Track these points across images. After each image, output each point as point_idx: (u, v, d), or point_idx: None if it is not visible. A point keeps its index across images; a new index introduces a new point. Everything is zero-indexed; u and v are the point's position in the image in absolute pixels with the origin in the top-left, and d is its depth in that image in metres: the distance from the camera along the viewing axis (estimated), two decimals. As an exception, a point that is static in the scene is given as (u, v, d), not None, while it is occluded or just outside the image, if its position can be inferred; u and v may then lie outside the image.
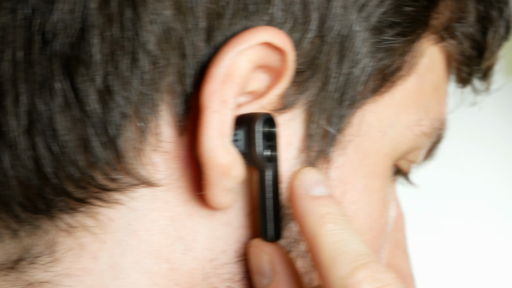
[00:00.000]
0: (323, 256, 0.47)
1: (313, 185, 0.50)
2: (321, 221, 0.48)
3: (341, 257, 0.47)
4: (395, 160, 0.56)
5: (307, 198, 0.49)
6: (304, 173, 0.50)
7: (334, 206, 0.49)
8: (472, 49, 0.58)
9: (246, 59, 0.49)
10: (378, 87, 0.53)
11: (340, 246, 0.47)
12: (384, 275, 0.47)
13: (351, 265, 0.47)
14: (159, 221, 0.50)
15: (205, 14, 0.49)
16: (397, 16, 0.53)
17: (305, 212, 0.49)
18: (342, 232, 0.48)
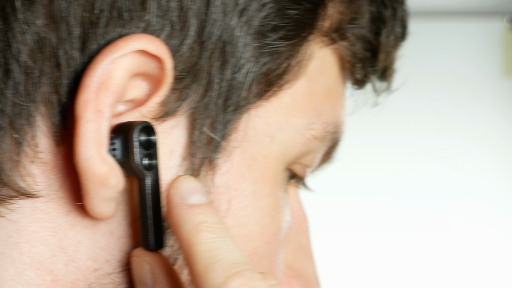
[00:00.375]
0: (198, 265, 0.47)
1: (189, 193, 0.49)
2: (196, 229, 0.48)
3: (215, 265, 0.46)
4: (287, 164, 0.55)
5: (182, 207, 0.49)
6: (180, 181, 0.50)
7: (210, 214, 0.48)
8: (365, 50, 0.58)
9: (121, 67, 0.49)
10: (263, 91, 0.53)
11: (214, 254, 0.47)
12: (259, 283, 0.46)
13: (225, 273, 0.46)
14: (40, 233, 0.50)
15: (78, 23, 0.48)
16: (280, 20, 0.52)
17: (180, 221, 0.48)
18: (217, 240, 0.47)
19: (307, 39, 0.54)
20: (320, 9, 0.54)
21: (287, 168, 0.56)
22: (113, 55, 0.48)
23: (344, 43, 0.56)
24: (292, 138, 0.54)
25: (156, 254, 0.50)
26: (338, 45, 0.56)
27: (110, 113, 0.49)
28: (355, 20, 0.56)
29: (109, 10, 0.49)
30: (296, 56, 0.53)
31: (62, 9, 0.48)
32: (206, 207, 0.49)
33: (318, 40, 0.55)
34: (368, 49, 0.58)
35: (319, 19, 0.54)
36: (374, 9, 0.57)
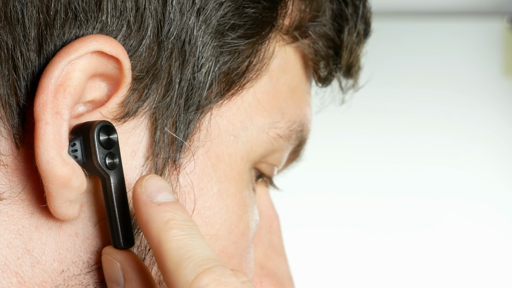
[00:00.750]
0: (168, 262, 0.47)
1: (156, 191, 0.49)
2: (165, 227, 0.48)
3: (186, 262, 0.46)
4: (253, 163, 0.55)
5: (150, 205, 0.49)
6: (147, 180, 0.49)
7: (179, 211, 0.48)
8: (327, 48, 0.57)
9: (78, 68, 0.49)
10: (225, 90, 0.53)
11: (184, 251, 0.47)
12: (231, 279, 0.46)
13: (196, 270, 0.46)
14: (4, 235, 0.50)
15: (34, 25, 0.49)
16: (238, 18, 0.52)
17: (149, 219, 0.48)
18: (186, 237, 0.47)
19: (267, 37, 0.54)
20: (279, 7, 0.54)
21: (253, 167, 0.56)
22: (69, 57, 0.48)
23: (306, 41, 0.56)
24: (256, 137, 0.54)
25: (126, 252, 0.50)
26: (300, 43, 0.56)
27: (69, 115, 0.49)
28: (316, 17, 0.56)
29: (65, 11, 0.49)
30: (256, 55, 0.53)
31: (17, 11, 0.48)
32: (174, 205, 0.49)
33: (279, 38, 0.55)
34: (331, 47, 0.58)
35: (278, 17, 0.54)
36: (335, 6, 0.57)
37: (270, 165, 0.57)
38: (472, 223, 2.41)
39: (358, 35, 0.58)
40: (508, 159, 2.42)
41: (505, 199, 2.40)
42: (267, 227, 0.61)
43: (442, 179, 2.40)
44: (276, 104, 0.55)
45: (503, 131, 2.42)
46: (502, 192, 2.40)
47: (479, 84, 2.43)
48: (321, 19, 0.56)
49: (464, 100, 2.40)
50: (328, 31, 0.57)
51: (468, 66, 2.43)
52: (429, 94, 2.40)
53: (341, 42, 0.58)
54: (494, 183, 2.40)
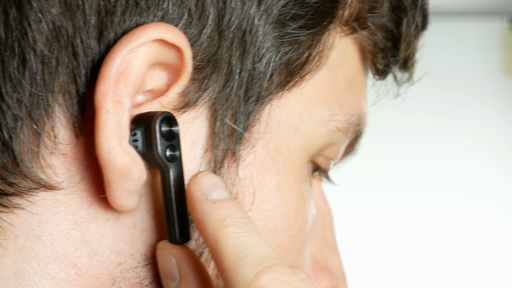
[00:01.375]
0: (226, 260, 0.45)
1: (211, 188, 0.48)
2: (221, 225, 0.46)
3: (244, 260, 0.45)
4: (311, 156, 0.54)
5: (205, 202, 0.47)
6: (201, 177, 0.48)
7: (234, 208, 0.47)
8: (386, 40, 0.57)
9: (140, 56, 0.48)
10: (285, 82, 0.52)
11: (242, 249, 0.45)
12: (290, 277, 0.45)
13: (255, 268, 0.45)
14: (62, 225, 0.49)
15: (95, 11, 0.48)
16: (300, 8, 0.51)
17: (204, 217, 0.47)
18: (244, 235, 0.46)
19: (327, 28, 0.53)
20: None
21: (310, 160, 0.55)
22: (131, 44, 0.48)
23: (364, 33, 0.56)
24: (315, 129, 0.54)
25: (182, 247, 0.49)
26: (358, 34, 0.55)
27: (130, 104, 0.48)
28: (375, 8, 0.55)
29: None
30: (317, 46, 0.53)
31: None
32: (230, 202, 0.48)
33: (338, 29, 0.54)
34: (389, 39, 0.57)
35: (339, 7, 0.54)
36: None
37: (326, 159, 0.56)
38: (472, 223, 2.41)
39: (416, 27, 0.58)
40: (508, 159, 2.42)
41: (505, 199, 2.40)
42: (320, 222, 0.60)
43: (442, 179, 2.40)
44: (335, 97, 0.54)
45: (503, 131, 2.42)
46: (502, 192, 2.41)
47: (479, 84, 2.43)
48: (380, 10, 0.56)
49: (464, 100, 2.41)
50: (387, 23, 0.56)
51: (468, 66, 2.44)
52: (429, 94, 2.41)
53: (399, 34, 0.57)
54: (494, 183, 2.40)
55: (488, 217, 2.40)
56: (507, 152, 2.42)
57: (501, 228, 2.41)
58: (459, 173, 2.41)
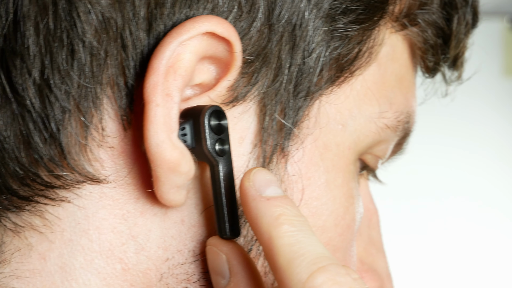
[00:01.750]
0: (280, 259, 0.44)
1: (265, 185, 0.47)
2: (275, 222, 0.45)
3: (299, 260, 0.44)
4: (359, 154, 0.54)
5: (259, 199, 0.46)
6: (255, 173, 0.47)
7: (289, 206, 0.46)
8: (436, 37, 0.56)
9: (189, 50, 0.47)
10: (335, 77, 0.51)
11: (297, 248, 0.44)
12: (345, 278, 0.44)
13: (310, 268, 0.44)
14: (109, 220, 0.49)
15: (144, 3, 0.47)
16: (350, 3, 0.51)
17: (258, 214, 0.46)
18: (298, 233, 0.45)
19: (378, 23, 0.52)
20: None
21: (359, 158, 0.54)
22: (181, 37, 0.47)
23: (414, 29, 0.55)
24: (364, 126, 0.53)
25: (232, 243, 0.49)
26: (408, 31, 0.55)
27: (179, 97, 0.47)
28: (425, 5, 0.55)
29: None
30: (367, 41, 0.52)
31: None
32: (284, 199, 0.47)
33: (388, 25, 0.53)
34: (440, 36, 0.56)
35: (390, 2, 0.53)
36: None
37: (375, 157, 0.55)
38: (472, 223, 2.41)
39: (467, 24, 0.57)
40: (508, 159, 2.43)
41: (505, 199, 2.40)
42: (366, 221, 0.59)
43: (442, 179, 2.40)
44: (384, 93, 0.53)
45: (503, 131, 2.42)
46: (502, 192, 2.41)
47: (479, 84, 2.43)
48: (430, 6, 0.55)
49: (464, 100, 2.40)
50: (438, 20, 0.55)
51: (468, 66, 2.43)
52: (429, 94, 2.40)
53: (450, 31, 0.56)
54: (494, 183, 2.40)
55: (488, 217, 2.40)
56: (507, 152, 2.42)
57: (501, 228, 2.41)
58: (459, 173, 2.41)
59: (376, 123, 0.53)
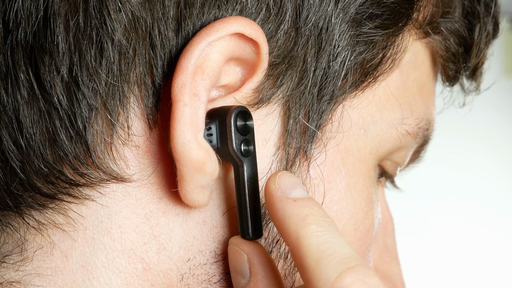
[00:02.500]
0: (308, 259, 0.44)
1: (291, 187, 0.47)
2: (303, 222, 0.45)
3: (327, 259, 0.44)
4: (379, 159, 0.54)
5: (286, 201, 0.46)
6: (280, 176, 0.47)
7: (315, 207, 0.46)
8: (458, 45, 0.56)
9: (218, 50, 0.47)
10: (359, 81, 0.51)
11: (325, 248, 0.44)
12: (374, 279, 0.44)
13: (338, 268, 0.43)
14: (131, 219, 0.49)
15: (174, 3, 0.47)
16: (377, 8, 0.51)
17: (285, 215, 0.46)
18: (326, 233, 0.45)
19: (402, 29, 0.53)
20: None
21: (378, 164, 0.54)
22: (210, 37, 0.47)
23: (437, 37, 0.55)
24: (385, 132, 0.53)
25: (254, 243, 0.49)
26: (431, 38, 0.55)
27: (206, 97, 0.47)
28: (448, 13, 0.55)
29: None
30: (391, 47, 0.52)
31: None
32: (310, 200, 0.47)
33: (412, 32, 0.54)
34: (461, 44, 0.57)
35: (414, 9, 0.53)
36: (467, 3, 0.56)
37: (394, 163, 0.55)
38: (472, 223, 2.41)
39: (488, 34, 0.57)
40: (508, 159, 2.43)
41: (505, 199, 2.41)
42: (382, 229, 0.59)
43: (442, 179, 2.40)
44: (406, 100, 0.54)
45: (503, 131, 2.43)
46: (502, 192, 2.41)
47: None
48: (453, 15, 0.55)
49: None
50: (460, 28, 0.56)
51: (468, 65, 2.43)
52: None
53: (472, 40, 0.57)
54: (494, 183, 2.40)
55: (488, 217, 2.41)
56: (507, 152, 2.43)
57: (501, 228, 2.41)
58: (458, 173, 2.41)
59: (398, 129, 0.53)
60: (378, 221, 0.55)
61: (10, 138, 0.47)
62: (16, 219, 0.49)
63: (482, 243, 2.40)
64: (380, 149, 0.53)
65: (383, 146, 0.53)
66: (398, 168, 0.57)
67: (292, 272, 0.51)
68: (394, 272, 0.59)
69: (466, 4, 0.56)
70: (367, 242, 0.53)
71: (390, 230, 0.60)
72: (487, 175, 2.41)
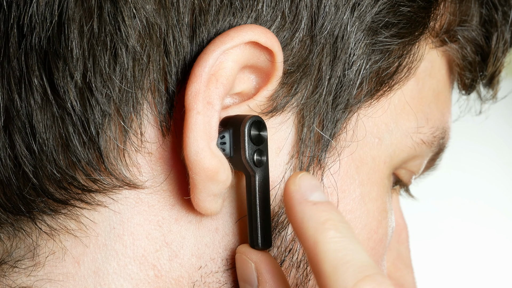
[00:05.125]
0: (325, 265, 0.43)
1: (311, 190, 0.46)
2: (322, 227, 0.44)
3: (345, 267, 0.43)
4: (394, 168, 0.53)
5: (305, 204, 0.45)
6: (301, 177, 0.46)
7: (335, 212, 0.45)
8: (475, 54, 0.56)
9: (232, 58, 0.47)
10: (374, 90, 0.51)
11: (343, 255, 0.43)
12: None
13: (356, 276, 0.43)
14: (144, 226, 0.48)
15: (189, 10, 0.47)
16: (393, 17, 0.50)
17: (304, 218, 0.45)
18: (344, 240, 0.44)
19: (419, 38, 0.52)
20: (433, 8, 0.53)
21: (392, 173, 0.54)
22: (224, 45, 0.47)
23: (454, 45, 0.55)
24: (400, 141, 0.52)
25: (262, 252, 0.48)
26: (448, 47, 0.54)
27: (220, 106, 0.47)
28: (465, 22, 0.55)
29: None
30: (407, 56, 0.52)
31: None
32: (330, 205, 0.46)
33: (429, 41, 0.53)
34: (478, 53, 0.56)
35: (431, 18, 0.53)
36: (484, 11, 0.56)
37: (409, 172, 0.55)
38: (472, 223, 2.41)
39: (505, 43, 0.57)
40: (508, 159, 2.43)
41: (505, 199, 2.41)
42: (396, 237, 0.59)
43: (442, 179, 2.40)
44: (421, 109, 0.53)
45: (503, 131, 2.42)
46: (502, 192, 2.41)
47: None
48: (470, 23, 0.55)
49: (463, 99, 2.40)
50: (477, 37, 0.55)
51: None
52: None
53: (489, 49, 0.56)
54: (494, 183, 2.40)
55: (488, 217, 2.40)
56: (507, 152, 2.43)
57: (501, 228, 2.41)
58: (459, 173, 2.41)
59: (413, 138, 0.53)
60: (391, 230, 0.54)
61: (23, 143, 0.47)
62: (29, 224, 0.49)
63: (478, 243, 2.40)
64: (394, 158, 0.53)
65: (397, 155, 0.53)
66: (413, 177, 0.56)
67: (304, 281, 0.51)
68: (407, 280, 0.59)
69: (483, 13, 0.56)
70: (381, 251, 0.53)
71: (404, 238, 0.60)
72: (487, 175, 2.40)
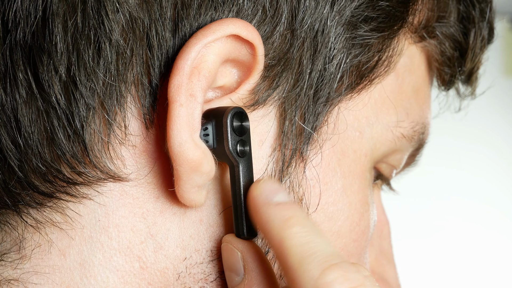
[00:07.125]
0: (292, 259, 0.45)
1: (274, 193, 0.48)
2: (286, 225, 0.46)
3: (310, 258, 0.45)
4: (375, 162, 0.54)
5: (269, 205, 0.47)
6: (264, 182, 0.48)
7: (298, 210, 0.47)
8: (453, 49, 0.57)
9: (214, 51, 0.48)
10: (354, 84, 0.52)
11: (308, 247, 0.45)
12: (356, 275, 0.44)
13: (321, 265, 0.44)
14: (128, 218, 0.49)
15: (171, 4, 0.48)
16: (372, 11, 0.51)
17: (269, 218, 0.47)
18: (308, 234, 0.46)
19: (398, 33, 0.53)
20: (411, 3, 0.54)
21: (374, 167, 0.55)
22: (206, 39, 0.47)
23: (432, 41, 0.56)
24: (381, 134, 0.53)
25: (248, 242, 0.49)
26: (426, 42, 0.55)
27: (202, 98, 0.48)
28: (443, 18, 0.56)
29: None
30: (386, 50, 0.53)
31: None
32: (292, 204, 0.47)
33: (407, 36, 0.54)
34: (457, 49, 0.57)
35: (410, 13, 0.54)
36: (462, 8, 0.57)
37: (390, 166, 0.56)
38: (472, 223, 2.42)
39: (483, 39, 0.58)
40: (508, 159, 2.43)
41: (505, 199, 2.41)
42: (378, 232, 0.60)
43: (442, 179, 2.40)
44: (401, 103, 0.54)
45: (503, 131, 2.43)
46: (502, 192, 2.41)
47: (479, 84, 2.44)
48: (448, 19, 0.56)
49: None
50: (455, 33, 0.56)
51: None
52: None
53: (467, 45, 0.57)
54: (494, 183, 2.41)
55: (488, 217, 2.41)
56: (507, 152, 2.43)
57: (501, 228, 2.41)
58: (459, 173, 2.41)
59: (393, 132, 0.54)
60: (373, 222, 0.55)
61: (8, 137, 0.48)
62: (14, 217, 0.50)
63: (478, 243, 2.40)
64: (375, 151, 0.54)
65: (378, 148, 0.54)
66: (394, 171, 0.57)
67: None
68: (390, 275, 0.60)
69: (461, 9, 0.57)
70: (363, 244, 0.54)
71: (386, 233, 0.61)
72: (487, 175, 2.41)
